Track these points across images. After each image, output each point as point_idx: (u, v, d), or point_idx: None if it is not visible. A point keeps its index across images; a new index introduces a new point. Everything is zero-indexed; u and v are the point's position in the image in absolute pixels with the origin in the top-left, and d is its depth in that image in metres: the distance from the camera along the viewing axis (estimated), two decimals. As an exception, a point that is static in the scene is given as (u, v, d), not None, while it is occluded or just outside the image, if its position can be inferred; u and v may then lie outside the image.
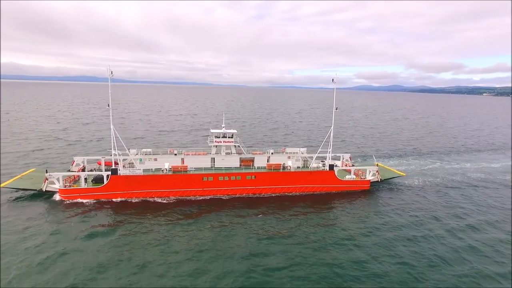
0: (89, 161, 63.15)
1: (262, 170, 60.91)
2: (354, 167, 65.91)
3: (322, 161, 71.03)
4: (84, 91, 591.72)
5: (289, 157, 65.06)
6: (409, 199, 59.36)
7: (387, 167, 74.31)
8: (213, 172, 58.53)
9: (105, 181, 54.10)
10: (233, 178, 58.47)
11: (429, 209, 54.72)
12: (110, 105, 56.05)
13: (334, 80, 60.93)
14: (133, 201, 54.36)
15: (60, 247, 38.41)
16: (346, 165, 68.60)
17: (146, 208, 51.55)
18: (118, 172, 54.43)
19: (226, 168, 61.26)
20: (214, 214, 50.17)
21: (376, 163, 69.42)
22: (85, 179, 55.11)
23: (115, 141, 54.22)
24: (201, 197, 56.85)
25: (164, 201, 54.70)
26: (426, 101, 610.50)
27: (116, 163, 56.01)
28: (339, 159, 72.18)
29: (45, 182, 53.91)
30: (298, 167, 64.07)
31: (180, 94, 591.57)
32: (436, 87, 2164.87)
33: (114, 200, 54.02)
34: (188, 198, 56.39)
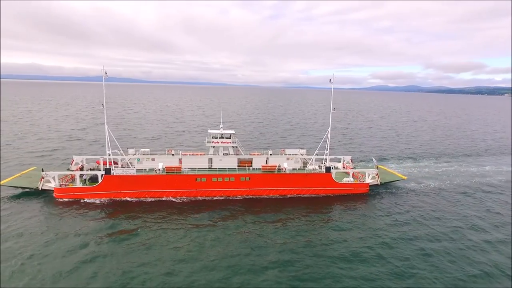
0: (88, 161, 63.60)
1: (257, 172, 59.76)
2: (353, 170, 64.05)
3: (323, 162, 69.66)
4: (101, 90, 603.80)
5: (288, 159, 64.05)
6: (408, 204, 56.60)
7: (389, 170, 72.17)
8: (206, 173, 57.90)
9: (100, 181, 54.65)
10: (226, 179, 57.71)
11: (424, 216, 51.86)
12: (104, 105, 56.70)
13: (332, 80, 59.11)
14: (126, 200, 54.48)
15: (34, 248, 38.61)
16: (346, 168, 67.16)
17: (138, 208, 51.45)
18: (112, 172, 54.74)
19: (220, 169, 60.38)
20: (204, 216, 49.52)
21: (376, 165, 67.15)
22: (85, 179, 55.94)
23: (109, 141, 54.98)
24: (195, 198, 56.38)
25: (157, 202, 54.46)
26: (444, 102, 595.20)
27: (111, 163, 56.55)
28: (340, 161, 70.88)
29: (41, 180, 54.68)
30: (295, 169, 62.59)
31: (195, 94, 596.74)
32: (455, 88, 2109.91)
33: (107, 199, 54.33)
34: (181, 198, 55.99)
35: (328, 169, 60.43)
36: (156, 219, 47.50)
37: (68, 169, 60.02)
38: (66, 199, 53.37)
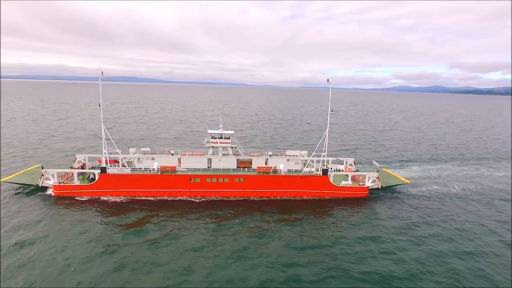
0: (90, 159, 64.95)
1: (252, 173, 58.79)
2: (352, 173, 62.36)
3: (324, 165, 68.75)
4: (124, 91, 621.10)
5: (288, 160, 63.01)
6: (406, 210, 54.44)
7: (393, 173, 69.63)
8: (200, 173, 57.53)
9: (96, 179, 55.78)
10: (221, 180, 57.12)
11: (422, 223, 49.61)
12: (100, 105, 57.56)
13: (329, 80, 57.47)
14: (121, 199, 54.97)
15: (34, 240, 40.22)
16: (348, 170, 65.42)
17: (131, 207, 52.16)
18: (107, 170, 55.47)
19: (217, 170, 59.85)
20: (195, 216, 49.38)
21: (377, 169, 64.67)
22: (89, 176, 57.09)
23: (105, 141, 55.97)
24: (189, 198, 56.26)
25: (151, 201, 54.89)
26: (471, 103, 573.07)
27: (112, 162, 57.87)
28: (342, 164, 69.20)
29: (41, 178, 56.29)
30: (290, 170, 61.15)
31: (214, 94, 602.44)
32: (483, 88, 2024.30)
33: (103, 197, 55.08)
34: (175, 198, 56.11)
35: (325, 172, 58.71)
36: (152, 218, 47.95)
37: (71, 167, 61.77)
38: (64, 197, 54.63)
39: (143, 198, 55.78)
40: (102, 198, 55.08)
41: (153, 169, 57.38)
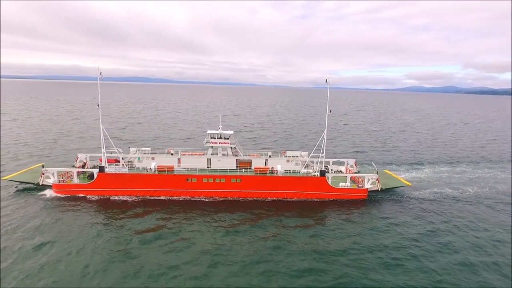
0: (91, 158, 66.00)
1: (248, 174, 58.69)
2: (350, 174, 61.58)
3: (326, 166, 67.83)
4: (137, 91, 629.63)
5: (288, 161, 62.61)
6: (405, 214, 53.01)
7: (394, 175, 68.35)
8: (197, 173, 57.86)
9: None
10: (217, 180, 57.22)
11: (417, 227, 48.21)
12: (99, 105, 58.40)
13: (328, 81, 56.87)
14: (119, 198, 55.86)
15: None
16: (349, 172, 64.75)
17: (125, 206, 52.78)
18: (105, 170, 56.33)
19: (217, 170, 60.08)
20: (189, 217, 49.50)
21: (377, 170, 63.57)
22: (89, 175, 57.91)
23: (103, 140, 56.85)
24: (185, 198, 56.71)
25: (147, 200, 55.48)
26: (486, 103, 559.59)
27: (113, 161, 58.89)
28: (343, 165, 68.32)
29: (41, 176, 57.21)
30: (287, 171, 60.67)
31: (224, 94, 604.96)
32: (498, 89, 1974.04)
33: (101, 196, 56.05)
34: (172, 198, 56.55)
35: (322, 173, 58.09)
36: (140, 218, 48.44)
37: (73, 166, 62.97)
38: (64, 195, 55.73)
39: (140, 197, 56.46)
40: (99, 197, 56.01)
41: (150, 169, 58.05)
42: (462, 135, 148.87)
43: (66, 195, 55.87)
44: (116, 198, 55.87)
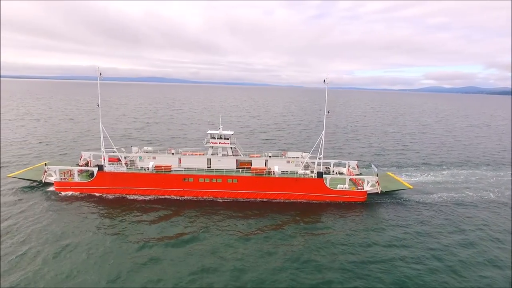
0: (95, 157, 67.15)
1: (245, 174, 58.40)
2: (349, 176, 60.30)
3: (327, 167, 66.89)
4: (153, 91, 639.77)
5: (288, 162, 61.86)
6: (403, 218, 51.47)
7: (397, 177, 66.47)
8: (194, 173, 57.98)
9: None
10: (214, 180, 57.22)
11: (415, 234, 46.51)
12: (99, 104, 59.37)
13: (326, 81, 56.19)
14: (116, 197, 56.84)
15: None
16: (350, 174, 63.54)
17: (123, 205, 53.66)
18: (104, 168, 57.22)
19: (208, 170, 60.26)
20: (182, 217, 49.72)
21: (376, 172, 61.99)
22: (92, 173, 58.97)
23: (103, 140, 57.79)
24: (182, 198, 57.12)
25: (145, 199, 56.08)
26: (510, 104, 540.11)
27: (114, 160, 60.08)
28: (345, 166, 67.21)
29: (44, 174, 58.90)
30: (284, 172, 59.84)
31: (239, 94, 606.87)
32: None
33: (100, 194, 57.09)
34: (168, 197, 57.09)
35: (320, 174, 57.02)
36: (134, 217, 49.23)
37: (77, 164, 64.47)
38: (64, 193, 57.12)
39: (137, 196, 57.28)
40: (98, 194, 57.21)
41: (148, 168, 58.78)
42: (485, 138, 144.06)
43: (67, 193, 57.23)
44: (112, 197, 57.10)
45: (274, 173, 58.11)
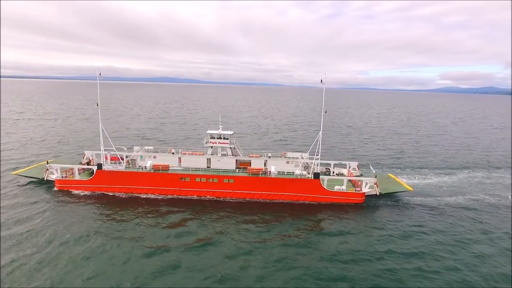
0: (97, 155, 67.89)
1: (241, 174, 58.58)
2: (347, 177, 59.27)
3: (327, 168, 66.19)
4: (167, 91, 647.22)
5: (287, 162, 61.39)
6: (401, 222, 50.08)
7: (398, 179, 64.94)
8: (190, 172, 58.47)
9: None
10: (210, 180, 57.54)
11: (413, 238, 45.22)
12: (98, 104, 59.95)
13: (323, 81, 55.38)
14: (115, 195, 57.65)
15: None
16: (350, 175, 62.62)
17: (121, 203, 54.45)
18: (103, 167, 58.07)
19: (205, 170, 60.69)
20: (176, 216, 50.16)
21: (375, 174, 60.78)
22: (92, 172, 59.97)
23: (102, 139, 58.54)
24: (179, 197, 57.61)
25: (142, 198, 56.83)
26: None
27: (116, 159, 61.40)
28: (345, 167, 66.21)
29: (46, 172, 59.96)
30: (280, 172, 59.49)
31: (252, 94, 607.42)
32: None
33: (99, 193, 58.14)
34: (166, 196, 57.68)
35: (316, 175, 56.52)
36: (129, 216, 49.80)
37: (80, 163, 65.77)
38: (65, 190, 58.28)
39: (135, 195, 58.18)
40: (97, 193, 58.17)
41: (145, 167, 59.47)
42: (504, 141, 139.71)
43: (68, 191, 58.47)
44: (111, 195, 58.04)
45: (270, 173, 58.27)
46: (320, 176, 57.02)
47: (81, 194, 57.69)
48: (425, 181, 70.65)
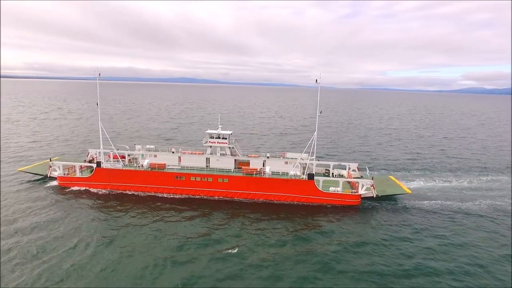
0: (100, 154, 69.44)
1: (236, 174, 58.82)
2: (343, 179, 58.13)
3: (326, 169, 65.34)
4: (185, 91, 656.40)
5: (286, 163, 60.82)
6: (397, 226, 48.58)
7: (398, 181, 63.21)
8: (185, 171, 58.97)
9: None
10: (204, 179, 57.89)
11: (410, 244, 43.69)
12: (98, 104, 61.73)
13: (318, 80, 54.78)
14: (113, 192, 59.12)
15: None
16: (349, 176, 61.69)
17: (119, 201, 55.73)
18: (102, 165, 59.54)
19: (200, 169, 61.18)
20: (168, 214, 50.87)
21: (372, 176, 58.97)
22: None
23: (101, 138, 59.89)
24: (174, 196, 58.47)
25: (138, 196, 58.13)
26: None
27: (116, 157, 62.94)
28: (345, 169, 64.97)
29: (49, 169, 62.47)
30: (275, 173, 59.48)
31: (269, 95, 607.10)
32: None
33: (98, 190, 59.76)
34: (161, 195, 58.73)
35: (311, 176, 55.95)
36: (130, 210, 51.72)
37: (84, 161, 67.68)
38: (66, 187, 60.29)
39: (132, 192, 59.48)
40: (96, 190, 59.77)
41: (142, 166, 60.70)
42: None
43: (69, 187, 60.49)
44: (110, 192, 59.47)
45: (264, 173, 58.07)
46: (315, 177, 56.93)
47: (82, 190, 59.75)
48: (429, 184, 68.93)
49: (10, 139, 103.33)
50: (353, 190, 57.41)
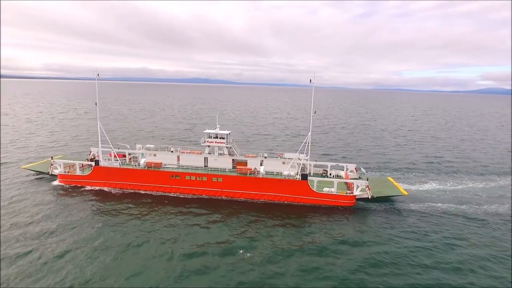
0: (103, 152, 69.71)
1: (230, 173, 59.03)
2: (338, 180, 57.09)
3: (324, 170, 64.84)
4: (199, 91, 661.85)
5: (283, 163, 60.64)
6: (392, 228, 47.71)
7: (395, 183, 61.95)
8: (180, 170, 59.63)
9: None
10: (199, 178, 58.18)
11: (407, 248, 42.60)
12: (97, 103, 62.76)
13: (312, 80, 55.19)
14: (111, 190, 60.21)
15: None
16: (347, 177, 61.00)
17: (116, 198, 56.82)
18: (100, 163, 60.59)
19: (195, 168, 61.36)
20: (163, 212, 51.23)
21: (367, 177, 57.91)
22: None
23: (100, 137, 61.02)
24: (170, 194, 59.07)
25: (134, 194, 58.85)
26: None
27: (119, 156, 64.34)
28: (343, 169, 64.30)
29: (50, 167, 63.89)
30: (269, 173, 59.18)
31: (282, 96, 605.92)
32: None
33: (96, 188, 61.05)
34: (157, 193, 59.36)
35: (304, 176, 55.69)
36: (129, 210, 52.03)
37: (86, 159, 69.10)
38: (67, 184, 61.95)
39: (129, 190, 60.46)
40: (94, 188, 61.08)
41: (139, 164, 61.53)
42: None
43: (69, 185, 62.02)
44: (108, 190, 60.55)
45: (258, 173, 58.07)
46: (311, 178, 56.72)
47: (80, 188, 61.10)
48: (440, 187, 67.43)
49: (30, 138, 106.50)
50: (348, 191, 57.06)
